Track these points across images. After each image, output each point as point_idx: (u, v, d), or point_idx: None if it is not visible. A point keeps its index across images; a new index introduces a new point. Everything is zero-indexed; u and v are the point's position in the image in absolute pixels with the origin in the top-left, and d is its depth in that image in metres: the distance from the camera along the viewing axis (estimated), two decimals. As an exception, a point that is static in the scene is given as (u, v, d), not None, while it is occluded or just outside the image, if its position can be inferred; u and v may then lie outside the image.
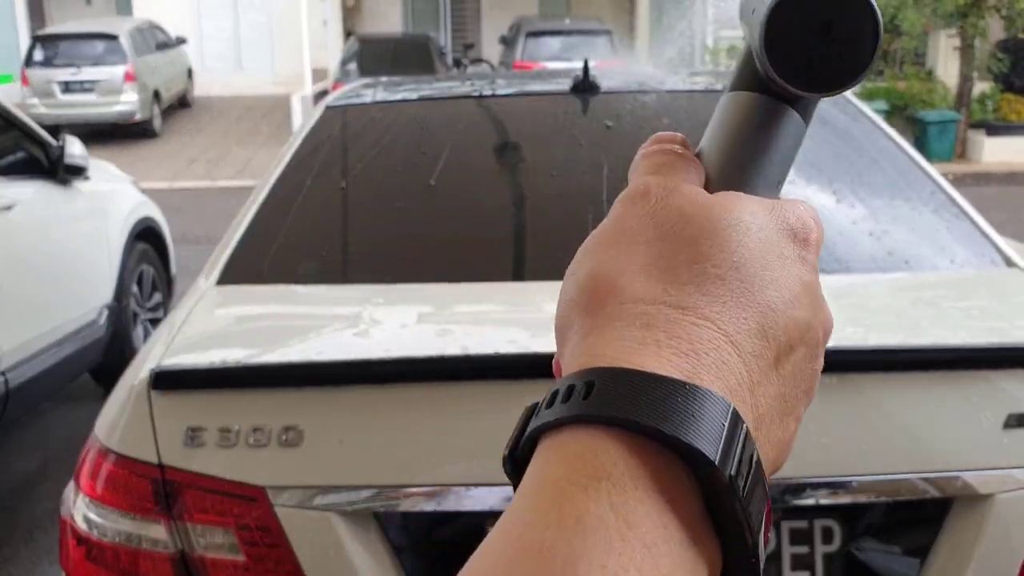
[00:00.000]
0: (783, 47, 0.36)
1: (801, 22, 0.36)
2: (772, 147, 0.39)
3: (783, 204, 0.38)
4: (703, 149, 0.41)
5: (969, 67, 11.55)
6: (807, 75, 0.37)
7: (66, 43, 13.81)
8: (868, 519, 1.35)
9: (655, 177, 0.39)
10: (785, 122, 0.39)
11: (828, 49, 0.36)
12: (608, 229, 0.37)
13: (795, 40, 0.36)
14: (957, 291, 1.66)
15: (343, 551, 1.26)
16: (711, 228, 0.35)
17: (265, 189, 1.98)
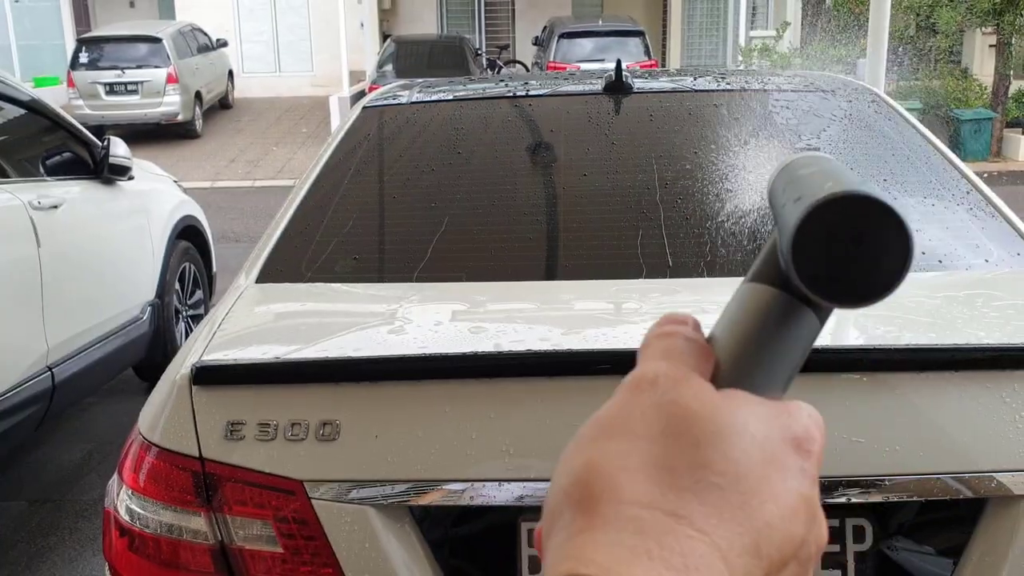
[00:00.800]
0: (810, 253, 0.35)
1: (832, 231, 0.35)
2: (785, 347, 0.39)
3: (789, 410, 0.37)
4: (715, 336, 0.40)
5: (1005, 65, 11.35)
6: (831, 285, 0.36)
7: (110, 46, 14.06)
8: (900, 518, 1.34)
9: (665, 364, 0.37)
10: (801, 323, 0.39)
11: (856, 262, 0.35)
12: (611, 416, 0.36)
13: (823, 248, 0.35)
14: (992, 290, 1.65)
15: (378, 544, 1.28)
16: (716, 432, 0.34)
17: (303, 189, 2.01)
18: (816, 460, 0.36)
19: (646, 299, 1.61)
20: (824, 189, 0.36)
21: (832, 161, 0.42)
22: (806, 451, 0.36)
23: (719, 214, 1.84)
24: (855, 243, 0.35)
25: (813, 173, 0.39)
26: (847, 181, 0.36)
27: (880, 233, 0.35)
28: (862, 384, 1.29)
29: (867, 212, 0.35)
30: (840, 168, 0.40)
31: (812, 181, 0.38)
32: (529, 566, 1.32)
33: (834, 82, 2.44)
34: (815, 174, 0.39)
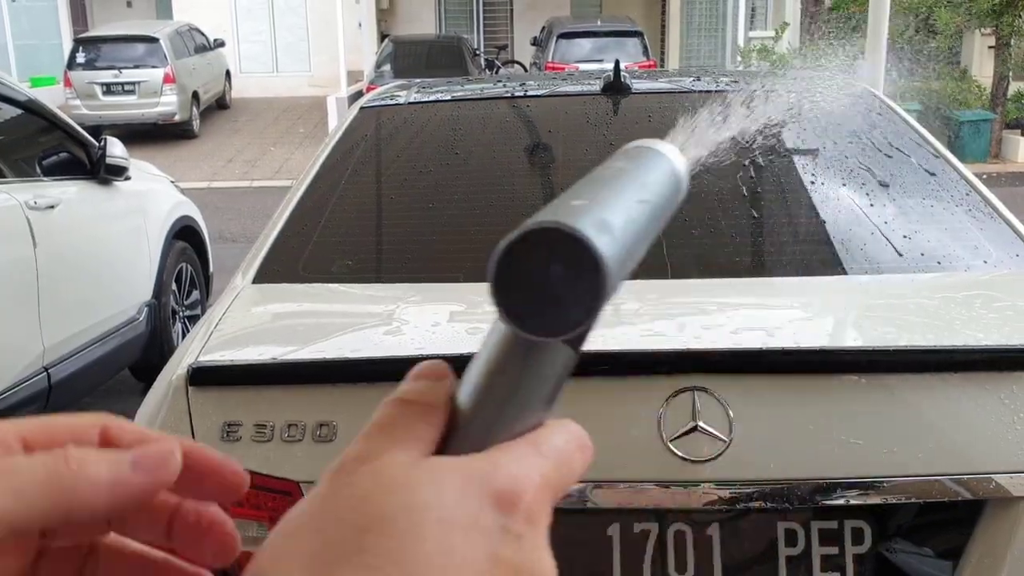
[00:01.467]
0: (509, 285, 0.35)
1: (527, 264, 0.35)
2: (520, 384, 0.38)
3: (497, 464, 0.35)
4: (462, 383, 0.39)
5: (1004, 66, 11.37)
6: (526, 317, 0.35)
7: (107, 46, 14.06)
8: (899, 520, 1.34)
9: (363, 443, 0.36)
10: (540, 356, 0.38)
11: (550, 295, 0.35)
12: (298, 510, 0.34)
13: (520, 280, 0.35)
14: (990, 292, 1.64)
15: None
16: (381, 515, 0.32)
17: (301, 189, 2.01)
18: (525, 513, 0.34)
19: (644, 300, 1.61)
20: (527, 223, 0.35)
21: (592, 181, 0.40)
22: (509, 504, 0.34)
23: (718, 214, 1.83)
24: (548, 275, 0.35)
25: (559, 199, 0.39)
26: (556, 211, 0.36)
27: (575, 268, 0.35)
28: (860, 386, 1.28)
29: (559, 244, 0.34)
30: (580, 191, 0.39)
31: (546, 208, 0.37)
32: (527, 568, 1.32)
33: (832, 83, 2.44)
34: (556, 201, 0.38)
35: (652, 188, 0.42)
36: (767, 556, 1.31)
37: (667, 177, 0.45)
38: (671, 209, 0.45)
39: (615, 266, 0.35)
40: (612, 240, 0.36)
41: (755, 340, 1.34)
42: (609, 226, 0.36)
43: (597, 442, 1.34)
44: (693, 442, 1.25)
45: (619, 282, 0.36)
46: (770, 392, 1.29)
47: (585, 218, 0.35)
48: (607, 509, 1.29)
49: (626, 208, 0.38)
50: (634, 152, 0.46)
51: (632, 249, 0.38)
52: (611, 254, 0.35)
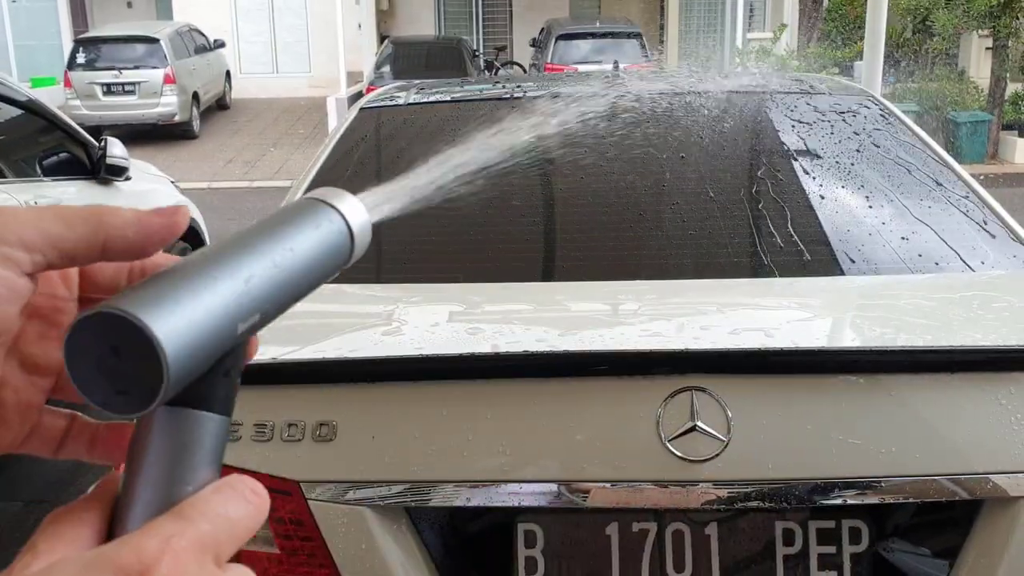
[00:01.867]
0: (82, 364, 0.36)
1: (94, 343, 0.36)
2: (154, 459, 0.39)
3: (125, 541, 0.36)
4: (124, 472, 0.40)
5: (1001, 68, 11.38)
6: (102, 395, 0.36)
7: (108, 46, 14.05)
8: (896, 520, 1.34)
9: (34, 548, 0.37)
10: (172, 428, 0.39)
11: (120, 374, 0.36)
12: None
13: (91, 359, 0.36)
14: (988, 292, 1.65)
15: (375, 545, 1.28)
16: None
17: (300, 189, 2.01)
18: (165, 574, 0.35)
19: (643, 300, 1.61)
20: (98, 305, 0.36)
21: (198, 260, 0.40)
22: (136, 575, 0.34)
23: (716, 215, 1.84)
24: (115, 355, 0.35)
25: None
26: (120, 296, 0.36)
27: (136, 348, 0.35)
28: (858, 386, 1.29)
29: (120, 329, 0.35)
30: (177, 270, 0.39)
31: (129, 288, 0.38)
32: (526, 567, 1.32)
33: (830, 84, 2.45)
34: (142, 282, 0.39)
35: (279, 242, 0.42)
36: (765, 555, 1.32)
37: (320, 237, 0.44)
38: (331, 262, 0.45)
39: (182, 338, 0.36)
40: (175, 311, 0.36)
41: (754, 340, 1.35)
42: (171, 302, 0.36)
43: (596, 442, 1.34)
44: (691, 442, 1.25)
45: (203, 352, 0.37)
46: (768, 392, 1.29)
47: (143, 297, 0.36)
48: (605, 509, 1.29)
49: (212, 279, 0.38)
50: (298, 207, 0.45)
51: (220, 311, 0.38)
52: (173, 325, 0.35)
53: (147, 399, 0.36)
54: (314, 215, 0.45)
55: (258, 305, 0.40)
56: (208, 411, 0.39)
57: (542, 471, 1.28)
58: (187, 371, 0.36)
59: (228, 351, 0.39)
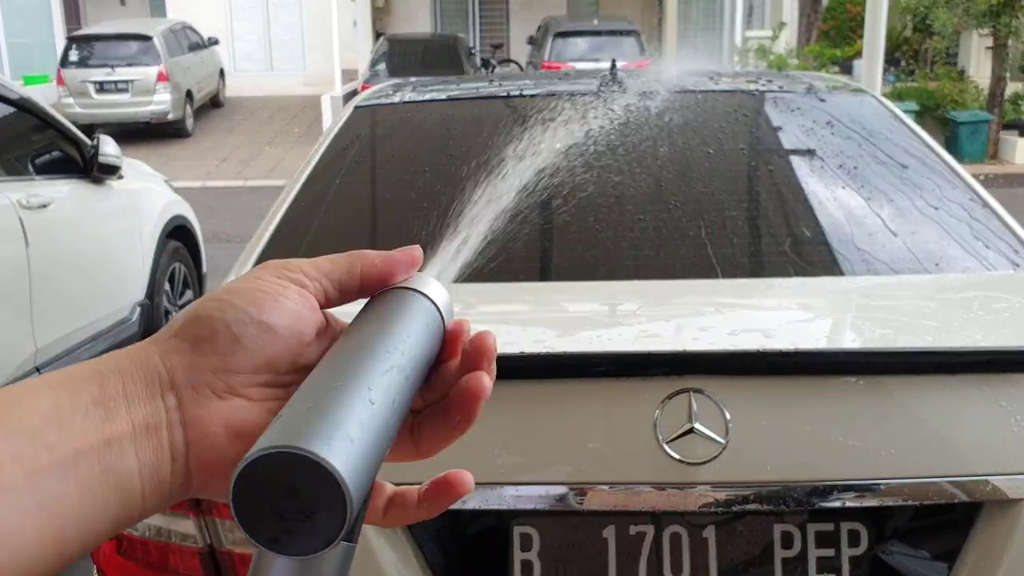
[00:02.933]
0: (250, 506, 0.35)
1: (265, 485, 0.34)
2: None
3: None
4: None
5: (1002, 67, 11.40)
6: (274, 538, 0.35)
7: (101, 44, 14.02)
8: (895, 522, 1.34)
9: None
10: (314, 564, 0.37)
11: (293, 515, 0.35)
12: None
13: (261, 501, 0.35)
14: (988, 293, 1.64)
15: (370, 548, 1.27)
16: None
17: (295, 188, 2.00)
18: None
19: (641, 301, 1.60)
20: (259, 443, 0.35)
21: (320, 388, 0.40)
22: None
23: (716, 214, 1.83)
24: (290, 496, 0.34)
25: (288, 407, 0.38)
26: (288, 429, 0.35)
27: (314, 486, 0.34)
28: (858, 387, 1.28)
29: (299, 466, 0.34)
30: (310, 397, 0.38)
31: (273, 424, 0.37)
32: (522, 570, 1.31)
33: (829, 83, 2.44)
34: (291, 410, 0.38)
35: (404, 352, 0.42)
36: (763, 558, 1.31)
37: (424, 327, 0.46)
38: (435, 348, 0.47)
39: (358, 473, 0.35)
40: (350, 447, 0.35)
41: (752, 341, 1.34)
42: (346, 434, 0.35)
43: (593, 444, 1.33)
44: (689, 444, 1.24)
45: (368, 482, 0.36)
46: (767, 394, 1.28)
47: (319, 433, 0.35)
48: (603, 511, 1.28)
49: (369, 403, 0.38)
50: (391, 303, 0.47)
51: (379, 438, 0.37)
52: (351, 463, 0.35)
53: (329, 537, 0.35)
54: (414, 308, 0.47)
55: (402, 420, 0.41)
56: (346, 541, 0.37)
57: (538, 473, 1.27)
58: (360, 501, 0.36)
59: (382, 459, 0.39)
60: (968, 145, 11.18)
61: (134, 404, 0.41)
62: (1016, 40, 11.31)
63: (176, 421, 0.42)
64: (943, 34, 11.73)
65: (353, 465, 0.35)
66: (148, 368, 0.42)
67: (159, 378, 0.42)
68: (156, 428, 0.41)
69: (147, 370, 0.42)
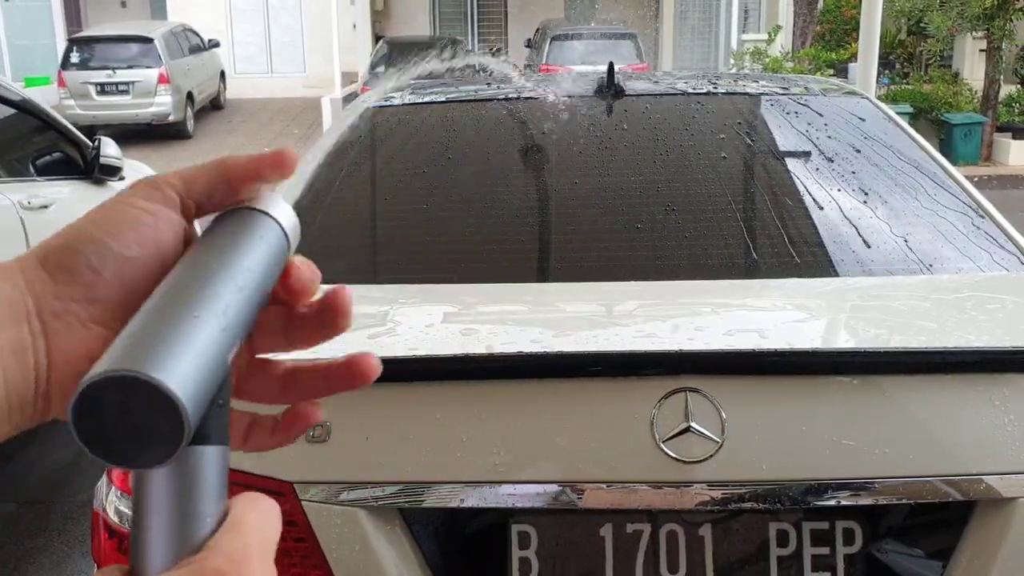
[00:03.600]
0: (88, 419, 0.37)
1: (102, 403, 0.37)
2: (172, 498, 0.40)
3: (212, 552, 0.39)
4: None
5: (995, 69, 11.42)
6: (108, 450, 0.37)
7: (102, 46, 14.02)
8: (890, 521, 1.35)
9: None
10: (187, 464, 0.40)
11: (130, 432, 0.37)
12: None
13: (98, 416, 0.37)
14: (982, 294, 1.65)
15: (369, 546, 1.28)
16: None
17: (297, 189, 2.01)
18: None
19: (637, 301, 1.61)
20: (93, 369, 0.37)
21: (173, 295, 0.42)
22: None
23: (711, 216, 1.84)
24: (127, 414, 0.37)
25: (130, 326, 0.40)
26: (118, 353, 0.38)
27: (150, 404, 0.36)
28: (852, 387, 1.29)
29: (131, 388, 0.36)
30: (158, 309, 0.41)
31: (117, 341, 0.39)
32: (519, 568, 1.32)
33: (824, 86, 2.45)
34: (127, 331, 0.40)
35: (241, 269, 0.44)
36: (759, 556, 1.32)
37: (265, 247, 0.47)
38: (276, 267, 0.48)
39: (190, 382, 0.37)
40: (178, 362, 0.37)
41: (748, 341, 1.35)
42: (171, 352, 0.37)
43: (590, 443, 1.34)
44: (685, 443, 1.25)
45: (205, 391, 0.39)
46: (763, 393, 1.29)
47: (144, 352, 0.37)
48: (599, 510, 1.29)
49: (195, 319, 0.40)
50: (233, 222, 0.48)
51: (212, 352, 0.39)
52: (180, 375, 0.37)
53: (170, 449, 0.37)
54: (255, 226, 0.47)
55: (238, 331, 0.42)
56: (210, 444, 0.41)
57: (536, 472, 1.28)
58: (198, 413, 0.38)
59: (224, 379, 0.41)
60: (962, 147, 11.20)
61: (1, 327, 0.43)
62: (1010, 43, 11.33)
63: (41, 347, 0.44)
64: (937, 37, 11.75)
65: (183, 375, 0.37)
66: (13, 295, 0.44)
67: (24, 305, 0.44)
68: (22, 351, 0.43)
69: (12, 297, 0.44)
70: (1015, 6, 11.10)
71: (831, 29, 17.38)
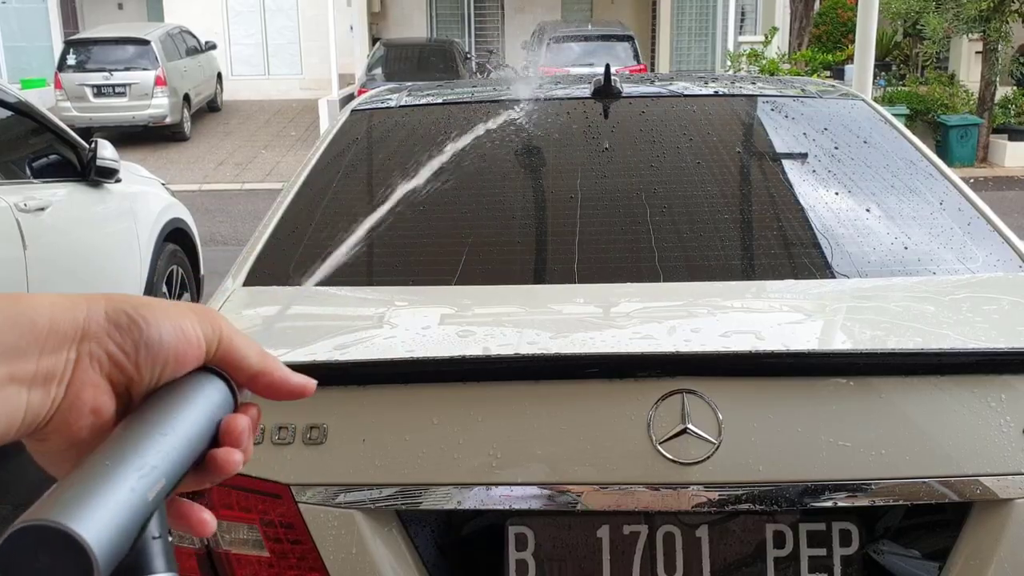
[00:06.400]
0: (18, 569, 0.39)
1: (28, 549, 0.39)
2: None
3: None
4: None
5: (991, 71, 11.46)
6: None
7: (98, 48, 14.00)
8: (886, 522, 1.35)
9: None
10: None
11: (55, 570, 0.39)
12: None
13: (25, 563, 0.39)
14: (977, 295, 1.66)
15: (365, 548, 1.28)
16: None
17: (292, 192, 2.01)
18: None
19: (634, 303, 1.61)
20: (23, 516, 0.40)
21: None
22: None
23: (708, 218, 1.84)
24: (49, 556, 0.39)
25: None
26: (46, 505, 0.40)
27: (64, 547, 0.39)
28: (849, 388, 1.29)
29: (49, 535, 0.39)
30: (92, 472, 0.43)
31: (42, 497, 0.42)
32: (516, 570, 1.32)
33: (820, 88, 2.46)
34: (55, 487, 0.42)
35: (174, 423, 0.47)
36: (756, 558, 1.32)
37: (206, 401, 0.50)
38: (214, 417, 0.51)
39: (104, 532, 0.40)
40: (95, 514, 0.40)
41: (744, 343, 1.35)
42: (91, 501, 0.40)
43: (587, 445, 1.34)
44: (682, 444, 1.25)
45: (122, 538, 0.41)
46: (759, 394, 1.30)
47: (62, 504, 0.40)
48: (597, 511, 1.29)
49: (126, 468, 0.43)
50: (185, 380, 0.51)
51: (132, 496, 0.42)
52: (96, 527, 0.39)
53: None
54: (203, 383, 0.51)
55: (159, 474, 0.45)
56: (152, 574, 0.44)
57: (533, 474, 1.28)
58: (114, 552, 0.40)
59: (148, 517, 0.44)
60: (958, 149, 11.23)
61: (46, 354, 0.46)
62: (1005, 45, 11.36)
63: (65, 378, 0.47)
64: (933, 39, 11.77)
65: (94, 521, 0.40)
66: (74, 325, 0.47)
67: (74, 335, 0.47)
68: (50, 379, 0.46)
69: (73, 326, 0.47)
70: (1011, 8, 11.13)
71: (827, 31, 17.41)
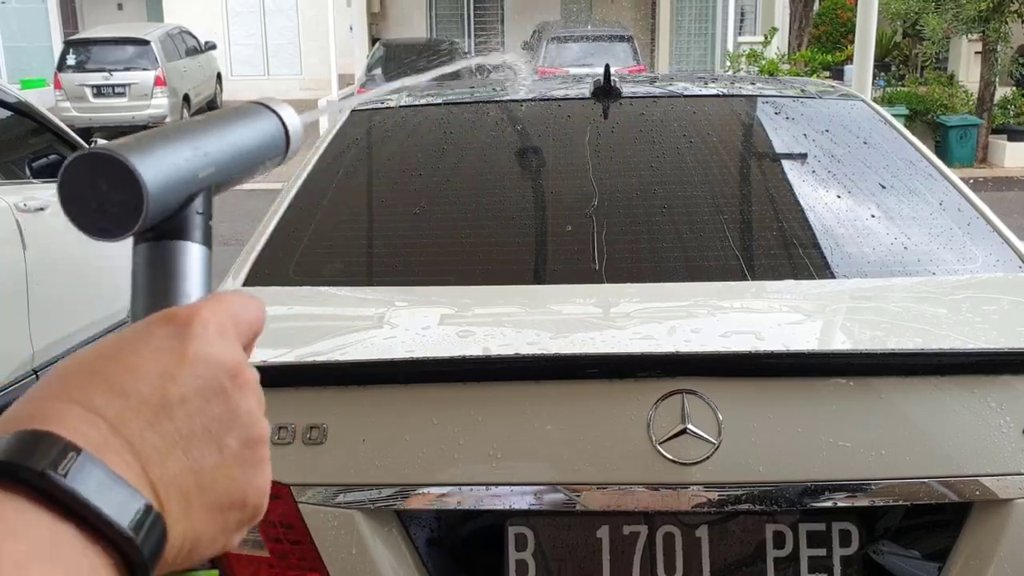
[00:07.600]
0: (72, 198, 0.44)
1: (82, 180, 0.44)
2: (158, 281, 0.48)
3: (176, 307, 0.45)
4: None
5: (991, 72, 11.46)
6: (87, 224, 0.44)
7: (98, 48, 14.00)
8: (886, 522, 1.35)
9: None
10: (169, 254, 0.48)
11: (105, 204, 0.44)
12: None
13: (80, 194, 0.44)
14: (977, 295, 1.66)
15: (365, 548, 1.28)
16: (110, 341, 0.44)
17: (291, 192, 2.01)
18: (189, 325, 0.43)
19: (634, 303, 1.61)
20: (88, 149, 0.44)
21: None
22: (179, 323, 0.44)
23: (708, 218, 1.84)
24: (104, 190, 0.43)
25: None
26: (109, 145, 0.44)
27: (120, 182, 0.43)
28: (849, 388, 1.29)
29: (107, 166, 0.43)
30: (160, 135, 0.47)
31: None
32: (516, 570, 1.32)
33: (820, 88, 2.46)
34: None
35: (231, 128, 0.52)
36: (755, 558, 1.32)
37: (262, 127, 0.55)
38: (264, 148, 0.55)
39: (155, 175, 0.44)
40: (153, 161, 0.44)
41: (744, 343, 1.35)
42: (151, 151, 0.45)
43: (586, 445, 1.34)
44: (682, 445, 1.26)
45: (171, 196, 0.46)
46: (759, 395, 1.30)
47: (125, 145, 0.44)
48: (597, 511, 1.29)
49: (184, 142, 0.48)
50: (246, 107, 0.56)
51: (184, 164, 0.47)
52: (152, 171, 0.44)
53: (132, 220, 0.44)
54: (260, 113, 0.56)
55: (211, 160, 0.49)
56: (191, 241, 0.48)
57: (533, 474, 1.28)
58: (163, 201, 0.45)
59: (195, 194, 0.48)
60: (957, 149, 11.23)
61: None
62: (1005, 45, 11.35)
63: None
64: (933, 39, 11.78)
65: (150, 164, 0.44)
66: None
67: None
68: None
69: None
70: (1010, 8, 11.13)
71: (827, 32, 17.42)
